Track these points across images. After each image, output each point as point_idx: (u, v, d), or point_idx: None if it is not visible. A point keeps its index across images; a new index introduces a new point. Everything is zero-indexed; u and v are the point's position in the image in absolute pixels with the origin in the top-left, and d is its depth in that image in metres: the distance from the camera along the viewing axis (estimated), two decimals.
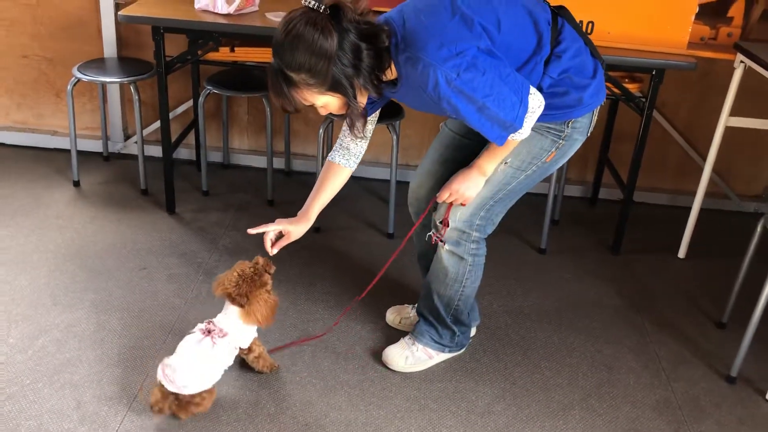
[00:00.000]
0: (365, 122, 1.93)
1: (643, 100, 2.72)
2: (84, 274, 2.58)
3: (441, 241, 2.06)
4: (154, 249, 2.77)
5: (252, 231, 2.05)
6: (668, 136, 3.36)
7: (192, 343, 1.97)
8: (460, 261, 2.08)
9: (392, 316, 2.45)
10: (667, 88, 2.98)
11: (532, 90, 1.77)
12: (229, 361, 2.04)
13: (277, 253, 2.08)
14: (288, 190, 3.33)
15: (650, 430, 2.08)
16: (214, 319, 2.03)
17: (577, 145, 2.00)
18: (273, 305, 2.05)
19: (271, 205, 3.18)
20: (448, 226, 2.05)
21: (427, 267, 2.23)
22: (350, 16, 1.64)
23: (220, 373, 2.00)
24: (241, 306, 2.00)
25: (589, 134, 2.00)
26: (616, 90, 2.73)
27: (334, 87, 1.68)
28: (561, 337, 2.45)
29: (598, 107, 1.98)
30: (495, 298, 2.63)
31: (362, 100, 1.79)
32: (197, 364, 1.93)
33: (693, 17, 2.63)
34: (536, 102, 1.78)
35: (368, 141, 2.07)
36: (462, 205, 2.01)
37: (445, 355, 2.28)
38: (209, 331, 1.99)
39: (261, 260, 2.08)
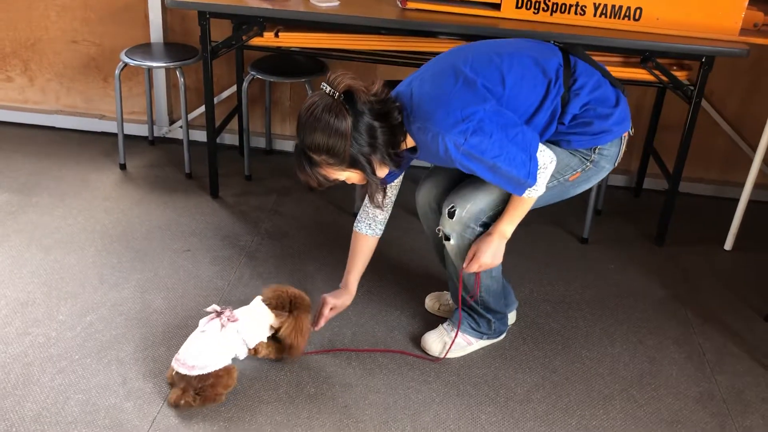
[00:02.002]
0: (385, 194, 2.02)
1: (692, 88, 2.66)
2: (130, 255, 2.64)
3: (446, 236, 2.06)
4: (198, 231, 2.82)
5: (318, 327, 2.21)
6: (716, 126, 3.29)
7: (203, 322, 2.02)
8: (466, 255, 2.07)
9: (431, 302, 2.45)
10: (717, 75, 2.90)
11: (542, 147, 1.85)
12: (238, 351, 2.03)
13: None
14: None
15: (693, 423, 2.05)
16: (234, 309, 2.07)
17: (603, 174, 2.05)
18: (305, 333, 2.10)
19: (312, 191, 3.20)
20: (477, 295, 2.14)
21: (442, 255, 2.24)
22: (363, 98, 1.75)
23: (225, 357, 1.98)
24: (282, 309, 2.07)
25: (616, 164, 2.05)
26: (663, 78, 2.68)
27: (353, 164, 1.80)
28: (602, 327, 2.42)
29: (626, 138, 2.02)
30: (536, 287, 2.61)
31: (382, 172, 1.89)
32: (201, 341, 1.96)
33: (746, 2, 2.56)
34: (547, 158, 1.86)
35: (393, 204, 2.20)
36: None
37: (484, 342, 2.28)
38: (219, 314, 2.02)
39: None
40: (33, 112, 3.66)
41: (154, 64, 3.07)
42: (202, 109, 3.43)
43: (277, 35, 2.84)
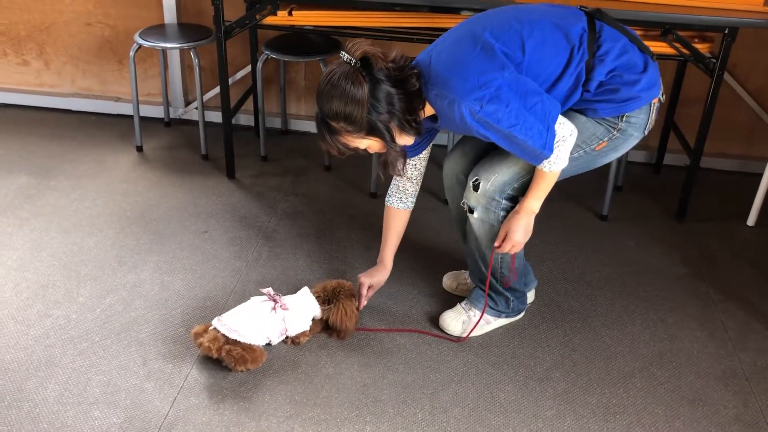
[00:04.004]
0: (405, 162, 2.01)
1: (714, 61, 2.61)
2: (148, 237, 2.65)
3: (470, 209, 2.04)
4: (215, 213, 2.83)
5: (360, 308, 2.24)
6: (739, 99, 3.22)
7: (256, 300, 2.11)
8: (491, 228, 2.06)
9: (449, 281, 2.44)
10: (740, 48, 2.85)
11: (561, 119, 1.81)
12: (275, 337, 2.10)
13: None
14: (345, 157, 3.33)
15: (715, 401, 2.03)
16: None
17: (632, 142, 2.00)
18: (352, 316, 2.15)
19: (328, 171, 3.19)
20: (515, 277, 2.14)
21: (464, 231, 2.22)
22: (380, 65, 1.75)
23: (262, 338, 2.06)
24: (328, 302, 2.15)
25: (646, 132, 1.99)
26: (684, 50, 2.62)
27: (372, 132, 1.80)
28: (623, 305, 2.40)
29: (657, 104, 1.97)
30: (555, 265, 2.59)
31: (403, 140, 1.88)
32: (251, 314, 2.05)
33: None
34: (566, 131, 1.82)
35: (422, 177, 2.19)
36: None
37: (502, 321, 2.26)
38: (275, 300, 2.10)
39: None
40: (49, 95, 3.67)
41: (169, 45, 3.05)
42: (218, 90, 3.42)
43: (290, 14, 2.81)
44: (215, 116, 3.48)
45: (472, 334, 2.21)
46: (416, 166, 2.15)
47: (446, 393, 2.01)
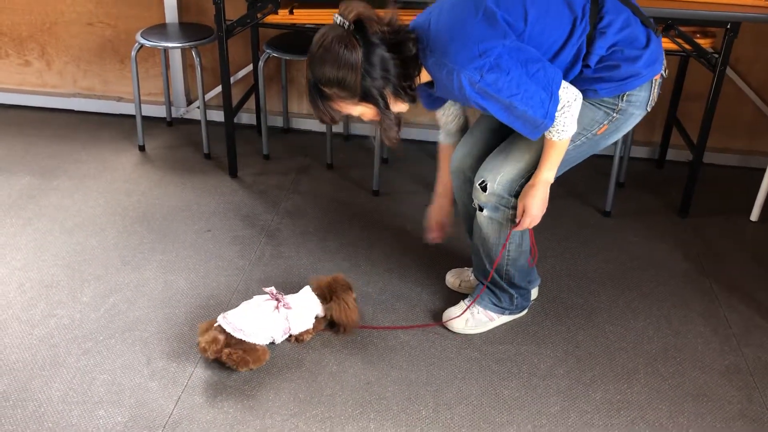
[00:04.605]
0: (400, 130, 1.90)
1: (716, 56, 2.60)
2: (151, 236, 2.65)
3: (479, 207, 2.04)
4: (218, 212, 2.83)
5: (433, 242, 2.30)
6: (741, 94, 3.21)
7: (258, 299, 2.11)
8: (500, 227, 2.05)
9: (452, 278, 2.44)
10: (742, 42, 2.84)
11: (565, 84, 1.76)
12: (279, 336, 2.10)
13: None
14: (347, 154, 3.34)
15: (719, 396, 2.02)
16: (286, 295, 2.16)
17: (634, 120, 1.96)
18: (354, 311, 2.15)
19: (330, 169, 3.19)
20: (536, 251, 2.13)
21: (471, 228, 2.21)
22: (374, 28, 1.69)
23: (266, 337, 2.06)
24: (326, 299, 2.16)
25: (649, 108, 1.95)
26: (686, 45, 2.62)
27: (365, 98, 1.74)
28: (626, 301, 2.40)
29: (659, 79, 1.92)
30: (558, 261, 2.59)
31: (398, 107, 1.82)
32: (255, 313, 2.06)
33: None
34: (570, 95, 1.76)
35: (463, 117, 2.16)
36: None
37: (506, 318, 2.26)
38: (278, 299, 2.11)
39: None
40: (51, 95, 3.68)
41: (170, 45, 3.06)
42: (219, 89, 3.42)
43: (291, 12, 2.82)
44: (217, 115, 3.48)
45: (476, 332, 2.21)
46: (458, 115, 2.13)
47: (450, 390, 2.01)
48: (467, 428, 1.89)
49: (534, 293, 2.37)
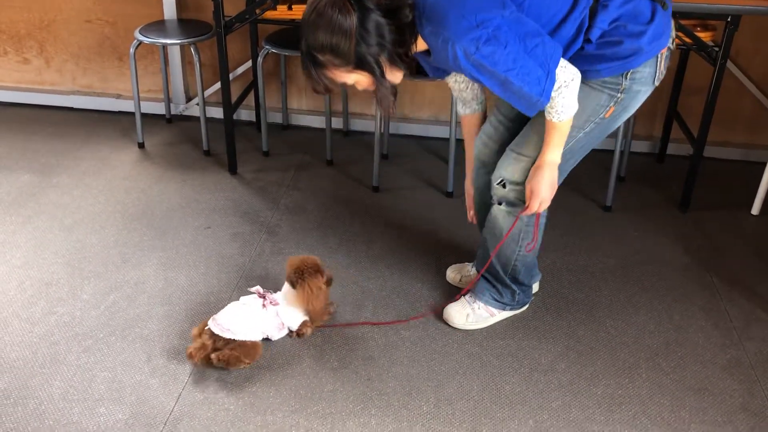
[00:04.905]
0: (395, 100, 1.86)
1: (716, 49, 2.59)
2: (151, 233, 2.65)
3: (498, 201, 2.03)
4: (218, 208, 2.82)
5: (472, 217, 2.25)
6: (742, 88, 3.21)
7: (245, 299, 2.11)
8: (518, 221, 2.04)
9: (453, 274, 2.44)
10: (743, 35, 2.82)
11: (563, 63, 1.71)
12: (273, 332, 2.11)
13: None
14: (347, 150, 3.33)
15: (720, 390, 2.02)
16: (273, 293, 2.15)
17: (642, 97, 1.90)
18: (323, 297, 2.10)
19: (330, 165, 3.18)
20: (536, 243, 2.09)
21: (483, 219, 2.20)
22: None
23: (257, 333, 2.05)
24: (292, 285, 2.08)
25: (656, 83, 1.88)
26: (687, 39, 2.61)
27: (360, 65, 1.69)
28: (627, 296, 2.39)
29: (666, 53, 1.86)
30: (558, 256, 2.58)
31: (393, 76, 1.78)
32: (243, 312, 2.06)
33: None
34: (568, 75, 1.72)
35: (481, 91, 2.12)
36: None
37: (507, 313, 2.26)
38: (264, 296, 2.11)
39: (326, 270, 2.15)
40: (50, 93, 3.67)
41: (169, 41, 3.05)
42: (218, 85, 3.41)
43: (290, 8, 2.81)
44: (216, 112, 3.47)
45: (476, 327, 2.21)
46: (473, 89, 2.08)
47: (451, 385, 2.01)
48: (468, 423, 1.89)
49: (535, 287, 2.36)
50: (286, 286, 2.12)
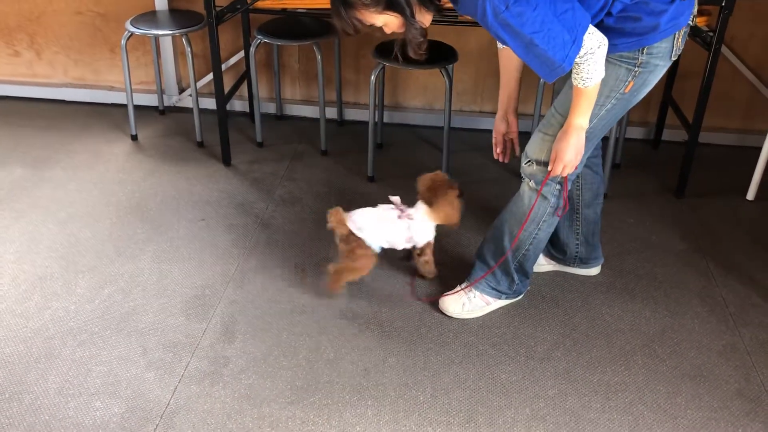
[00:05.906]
0: (425, 42, 1.83)
1: (711, 34, 2.58)
2: (145, 226, 2.63)
3: (527, 178, 2.03)
4: (212, 200, 2.81)
5: (500, 155, 2.24)
6: (737, 73, 3.20)
7: (383, 207, 2.27)
8: (542, 200, 2.03)
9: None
10: (737, 20, 2.81)
11: (591, 29, 1.69)
12: (398, 241, 2.25)
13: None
14: (341, 140, 3.32)
15: (716, 376, 2.02)
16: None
17: (660, 72, 1.88)
18: (457, 206, 2.26)
19: (325, 155, 3.17)
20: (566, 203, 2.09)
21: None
22: None
23: (380, 240, 2.21)
24: (429, 204, 2.24)
25: (674, 58, 1.87)
26: None
27: (390, 6, 1.69)
28: (622, 283, 2.39)
29: (685, 30, 1.85)
30: None
31: (422, 18, 1.76)
32: (378, 216, 2.22)
33: None
34: (595, 42, 1.70)
35: None
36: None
37: (502, 302, 2.26)
38: (402, 210, 2.24)
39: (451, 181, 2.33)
40: (42, 86, 3.64)
41: (160, 32, 3.02)
42: (211, 76, 3.39)
43: None
44: (209, 103, 3.45)
45: (472, 316, 2.21)
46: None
47: (447, 375, 2.01)
48: (465, 413, 1.89)
49: (595, 270, 2.42)
50: (420, 204, 2.26)
